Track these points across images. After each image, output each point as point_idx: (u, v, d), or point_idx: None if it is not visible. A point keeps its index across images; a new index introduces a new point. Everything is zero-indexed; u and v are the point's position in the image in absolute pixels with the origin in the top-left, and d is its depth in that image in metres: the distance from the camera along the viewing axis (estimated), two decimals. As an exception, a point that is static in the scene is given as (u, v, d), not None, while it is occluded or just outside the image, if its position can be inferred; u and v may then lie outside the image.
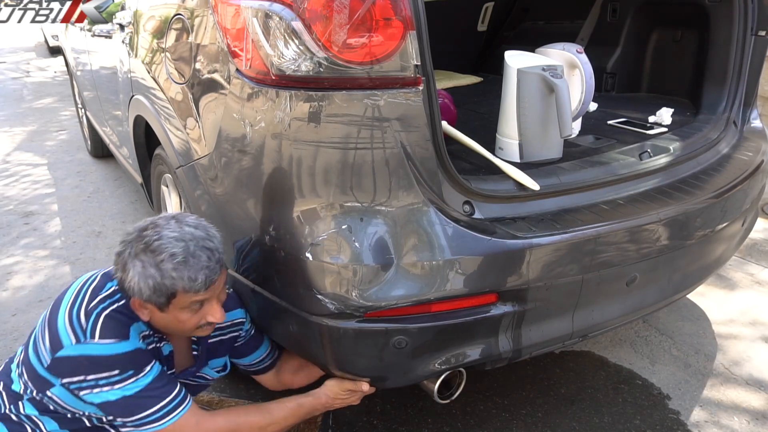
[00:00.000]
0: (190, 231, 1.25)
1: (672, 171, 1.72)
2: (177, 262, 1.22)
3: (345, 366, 1.41)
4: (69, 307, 1.28)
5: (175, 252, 1.22)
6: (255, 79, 1.29)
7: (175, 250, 1.22)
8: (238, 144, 1.40)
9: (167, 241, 1.22)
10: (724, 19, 2.04)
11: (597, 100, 2.25)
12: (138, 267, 1.22)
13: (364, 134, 1.23)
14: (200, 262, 1.24)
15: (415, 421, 1.90)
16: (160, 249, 1.22)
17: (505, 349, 1.45)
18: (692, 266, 1.76)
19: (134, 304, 1.29)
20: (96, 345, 1.23)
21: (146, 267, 1.22)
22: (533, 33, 3.04)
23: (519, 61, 1.60)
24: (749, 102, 2.10)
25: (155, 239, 1.23)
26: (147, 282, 1.22)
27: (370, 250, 1.27)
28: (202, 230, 1.28)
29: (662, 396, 2.01)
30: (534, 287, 1.39)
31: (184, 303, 1.27)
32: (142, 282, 1.22)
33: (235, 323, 1.58)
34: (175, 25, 1.70)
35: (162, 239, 1.22)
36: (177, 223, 1.26)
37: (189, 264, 1.22)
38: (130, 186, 3.98)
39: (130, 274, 1.23)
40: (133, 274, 1.23)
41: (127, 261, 1.24)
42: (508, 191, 1.45)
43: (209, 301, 1.32)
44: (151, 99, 1.96)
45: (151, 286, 1.22)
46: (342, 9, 1.15)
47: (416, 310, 1.33)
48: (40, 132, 5.61)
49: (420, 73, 1.22)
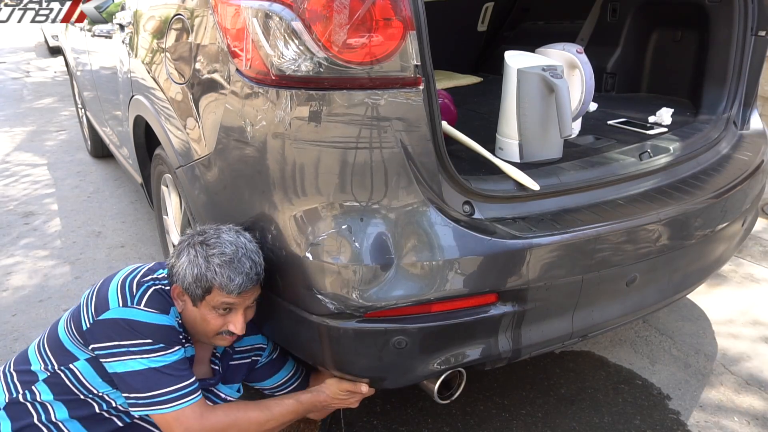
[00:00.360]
0: (244, 242, 1.38)
1: (672, 171, 1.72)
2: (224, 260, 1.34)
3: (345, 366, 1.41)
4: (122, 277, 1.42)
5: (225, 251, 1.35)
6: (255, 79, 1.29)
7: (226, 249, 1.36)
8: (238, 144, 1.40)
9: (223, 241, 1.37)
10: (724, 19, 2.04)
11: (597, 100, 2.25)
12: (191, 255, 1.37)
13: (364, 134, 1.23)
14: (243, 267, 1.35)
15: (415, 421, 1.90)
16: (214, 245, 1.37)
17: (504, 349, 1.45)
18: (692, 266, 1.76)
19: (174, 291, 1.41)
20: (139, 311, 1.35)
21: (197, 256, 1.36)
22: (533, 33, 3.04)
23: (519, 61, 1.60)
24: (749, 102, 2.10)
25: (213, 237, 1.38)
26: (193, 270, 1.35)
27: (369, 249, 1.27)
28: (254, 246, 1.40)
29: (662, 396, 2.01)
30: (534, 287, 1.39)
31: (216, 302, 1.38)
32: (188, 269, 1.36)
33: (255, 347, 1.66)
34: (175, 25, 1.70)
35: (219, 238, 1.37)
36: (236, 233, 1.40)
37: (233, 265, 1.35)
38: (130, 186, 3.98)
39: (182, 260, 1.37)
40: (184, 260, 1.37)
41: (183, 248, 1.39)
42: (508, 191, 1.45)
43: (236, 309, 1.41)
44: (151, 99, 1.96)
45: (195, 274, 1.35)
46: (342, 9, 1.15)
47: (416, 310, 1.33)
48: (40, 132, 5.61)
49: (420, 73, 1.22)
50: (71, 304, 2.60)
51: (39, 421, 1.40)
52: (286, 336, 1.54)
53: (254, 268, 1.37)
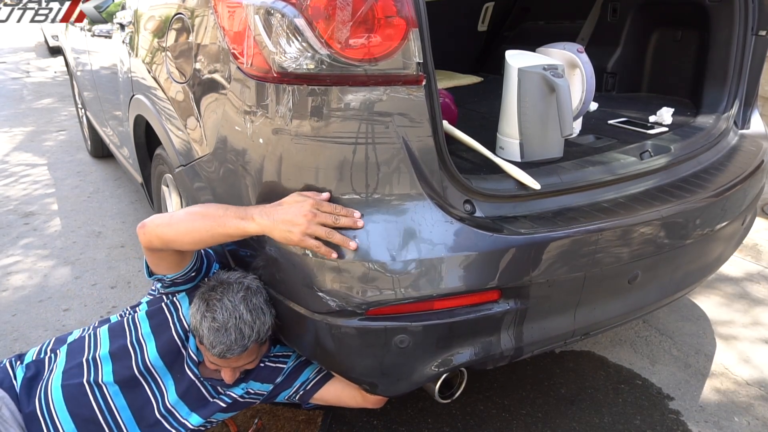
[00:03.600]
0: (242, 311, 1.43)
1: (672, 170, 1.72)
2: (212, 326, 1.43)
3: (347, 363, 1.41)
4: None
5: (216, 317, 1.43)
6: (257, 77, 1.29)
7: (218, 316, 1.42)
8: (239, 142, 1.40)
9: (221, 306, 1.43)
10: (724, 18, 2.04)
11: (597, 100, 2.25)
12: (197, 304, 1.48)
13: (365, 131, 1.23)
14: (228, 338, 1.42)
15: (415, 421, 1.90)
16: (212, 307, 1.44)
17: (507, 347, 1.45)
18: (693, 265, 1.76)
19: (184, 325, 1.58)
20: None
21: (199, 308, 1.46)
22: (534, 33, 3.04)
23: (520, 61, 1.60)
24: (750, 102, 2.10)
25: (217, 297, 1.45)
26: (195, 316, 1.47)
27: (371, 246, 1.27)
28: (253, 315, 1.44)
29: (662, 396, 2.01)
30: (536, 284, 1.39)
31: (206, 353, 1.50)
32: (192, 316, 1.49)
33: (252, 392, 1.67)
34: (175, 24, 1.70)
35: (221, 301, 1.44)
36: (243, 299, 1.44)
37: (219, 334, 1.42)
38: (130, 186, 3.98)
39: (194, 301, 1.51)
40: (193, 304, 1.50)
41: (198, 293, 1.51)
42: (508, 190, 1.45)
43: (223, 368, 1.52)
44: (151, 99, 1.96)
45: (194, 322, 1.48)
46: (345, 6, 1.15)
47: (418, 307, 1.33)
48: (40, 132, 5.61)
49: (422, 71, 1.22)
50: (71, 304, 2.60)
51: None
52: (288, 334, 1.54)
53: (240, 341, 1.43)
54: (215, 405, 1.59)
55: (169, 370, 1.54)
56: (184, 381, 1.55)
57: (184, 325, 1.57)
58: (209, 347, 1.44)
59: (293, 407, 1.94)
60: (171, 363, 1.54)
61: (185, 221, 1.39)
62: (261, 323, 1.45)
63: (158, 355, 1.53)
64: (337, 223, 1.25)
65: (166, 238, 1.42)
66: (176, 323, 1.57)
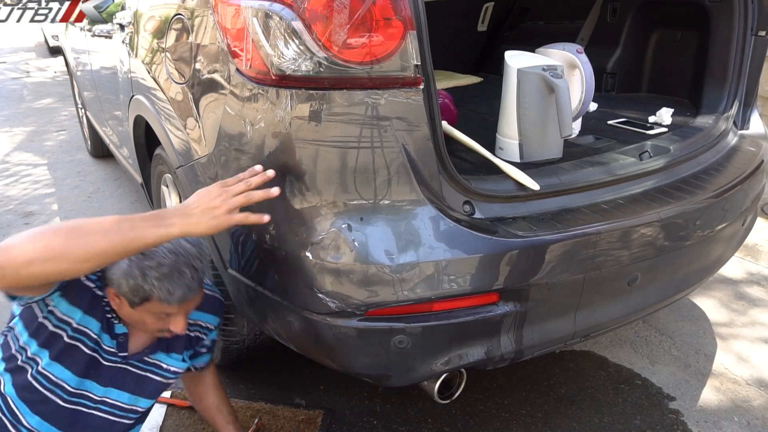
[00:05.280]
0: (186, 246, 1.28)
1: (672, 171, 1.72)
2: (162, 273, 1.24)
3: (346, 364, 1.41)
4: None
5: (163, 263, 1.24)
6: (255, 79, 1.29)
7: (164, 260, 1.25)
8: (238, 143, 1.40)
9: (161, 249, 1.25)
10: (724, 19, 2.04)
11: (597, 100, 2.25)
12: (126, 264, 1.24)
13: (364, 134, 1.23)
14: (184, 279, 1.26)
15: (415, 421, 1.90)
16: (150, 254, 1.24)
17: (507, 350, 1.45)
18: (693, 266, 1.76)
19: (109, 293, 1.32)
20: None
21: (132, 266, 1.24)
22: (533, 33, 3.04)
23: (519, 61, 1.60)
24: (749, 102, 2.10)
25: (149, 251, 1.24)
26: (128, 280, 1.25)
27: (369, 248, 1.27)
28: (196, 247, 1.30)
29: (662, 396, 2.01)
30: (536, 286, 1.39)
31: (155, 310, 1.30)
32: (122, 278, 1.25)
33: (201, 325, 1.55)
34: (175, 25, 1.70)
35: (156, 251, 1.25)
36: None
37: (173, 278, 1.25)
38: (130, 186, 3.98)
39: (117, 266, 1.25)
40: (120, 268, 1.25)
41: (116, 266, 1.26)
42: (508, 191, 1.45)
43: (176, 315, 1.34)
44: (151, 99, 1.96)
45: (131, 285, 1.25)
46: (342, 9, 1.15)
47: (417, 308, 1.33)
48: (40, 132, 5.61)
49: (420, 73, 1.22)
50: (71, 304, 2.59)
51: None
52: (287, 335, 1.54)
53: (196, 276, 1.29)
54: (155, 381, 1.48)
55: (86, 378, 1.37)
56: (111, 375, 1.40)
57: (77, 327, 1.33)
58: (166, 297, 1.24)
59: (293, 407, 1.95)
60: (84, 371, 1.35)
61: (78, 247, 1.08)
62: (204, 253, 1.33)
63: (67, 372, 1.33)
64: (250, 186, 1.25)
65: (48, 274, 1.09)
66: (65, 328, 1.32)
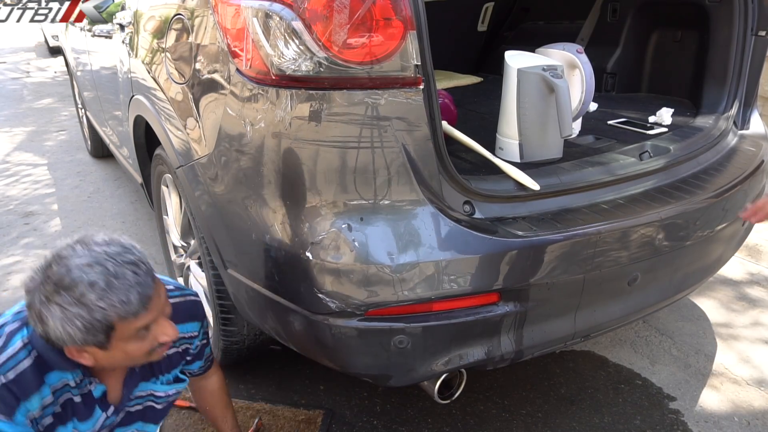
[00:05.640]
0: (103, 250, 1.07)
1: (672, 171, 1.72)
2: (100, 290, 1.03)
3: (346, 364, 1.41)
4: None
5: (93, 280, 1.03)
6: (255, 79, 1.29)
7: (92, 278, 1.03)
8: (238, 144, 1.40)
9: (79, 270, 1.04)
10: (724, 19, 2.04)
11: (597, 100, 2.25)
12: (57, 312, 1.03)
13: (364, 134, 1.23)
14: (126, 280, 1.06)
15: (415, 421, 1.90)
16: (73, 283, 1.03)
17: (507, 350, 1.45)
18: (693, 266, 1.76)
19: (71, 352, 1.11)
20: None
21: (66, 309, 1.03)
22: (533, 33, 3.04)
23: (519, 61, 1.60)
24: (749, 102, 2.10)
25: (64, 274, 1.04)
26: (75, 324, 1.03)
27: (370, 248, 1.27)
28: (116, 245, 1.10)
29: (662, 396, 2.01)
30: (536, 286, 1.39)
31: (128, 332, 1.10)
32: (69, 327, 1.04)
33: (185, 337, 1.39)
34: (175, 25, 1.70)
35: (72, 271, 1.03)
36: (84, 246, 1.07)
37: (114, 287, 1.04)
38: (130, 186, 3.98)
39: (51, 324, 1.04)
40: (55, 323, 1.03)
41: (41, 311, 1.04)
42: (508, 191, 1.45)
43: (156, 321, 1.14)
44: (151, 99, 1.96)
45: (81, 327, 1.04)
46: (342, 9, 1.15)
47: (417, 309, 1.33)
48: (40, 132, 5.61)
49: (420, 73, 1.22)
50: (71, 304, 2.59)
51: None
52: (287, 335, 1.54)
53: (140, 269, 1.09)
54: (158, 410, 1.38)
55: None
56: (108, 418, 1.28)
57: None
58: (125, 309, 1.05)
59: (293, 407, 1.95)
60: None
61: None
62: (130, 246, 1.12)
63: None
64: None
65: None
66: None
